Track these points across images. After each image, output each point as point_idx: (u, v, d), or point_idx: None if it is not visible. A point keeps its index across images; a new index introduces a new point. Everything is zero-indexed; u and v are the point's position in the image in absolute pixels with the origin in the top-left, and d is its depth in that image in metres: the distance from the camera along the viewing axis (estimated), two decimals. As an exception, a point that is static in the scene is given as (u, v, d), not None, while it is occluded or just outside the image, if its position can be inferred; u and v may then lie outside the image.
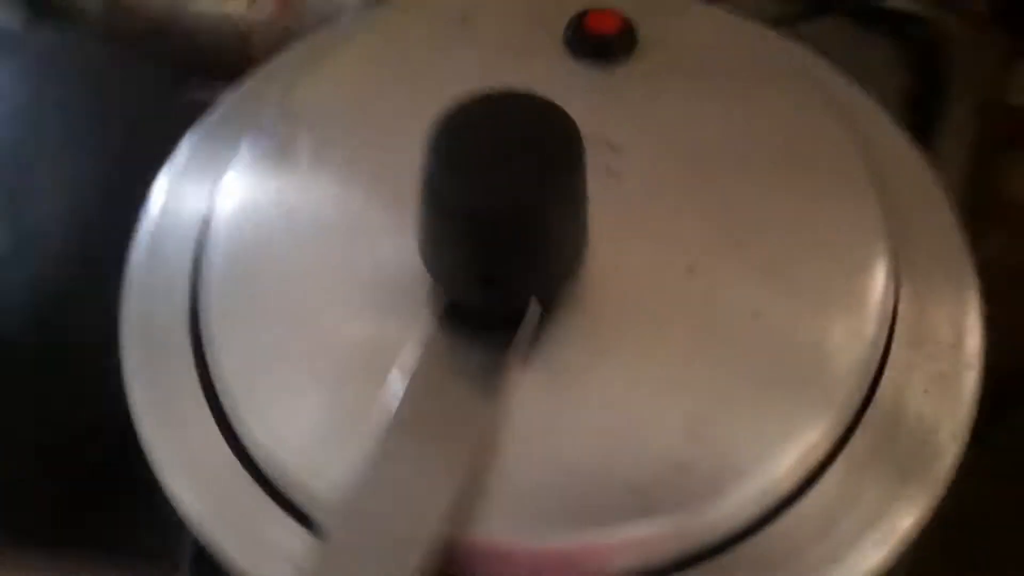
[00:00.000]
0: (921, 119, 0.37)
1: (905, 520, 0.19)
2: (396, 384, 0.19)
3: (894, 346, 0.21)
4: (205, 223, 0.23)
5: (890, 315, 0.22)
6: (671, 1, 0.27)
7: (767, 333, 0.20)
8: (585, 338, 0.20)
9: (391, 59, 0.26)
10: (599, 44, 0.24)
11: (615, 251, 0.21)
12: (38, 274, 0.30)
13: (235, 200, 0.23)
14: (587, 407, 0.19)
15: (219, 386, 0.21)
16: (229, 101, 0.27)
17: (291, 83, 0.25)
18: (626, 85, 0.24)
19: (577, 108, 0.23)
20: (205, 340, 0.21)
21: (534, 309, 0.19)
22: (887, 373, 0.21)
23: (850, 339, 0.21)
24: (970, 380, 0.21)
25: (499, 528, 0.18)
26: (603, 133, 0.23)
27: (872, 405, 0.21)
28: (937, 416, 0.21)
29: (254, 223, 0.23)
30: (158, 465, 0.20)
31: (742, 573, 0.18)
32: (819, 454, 0.20)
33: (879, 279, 0.22)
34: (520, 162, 0.17)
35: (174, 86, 0.35)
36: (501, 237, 0.18)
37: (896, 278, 0.22)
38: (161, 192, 0.25)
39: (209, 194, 0.24)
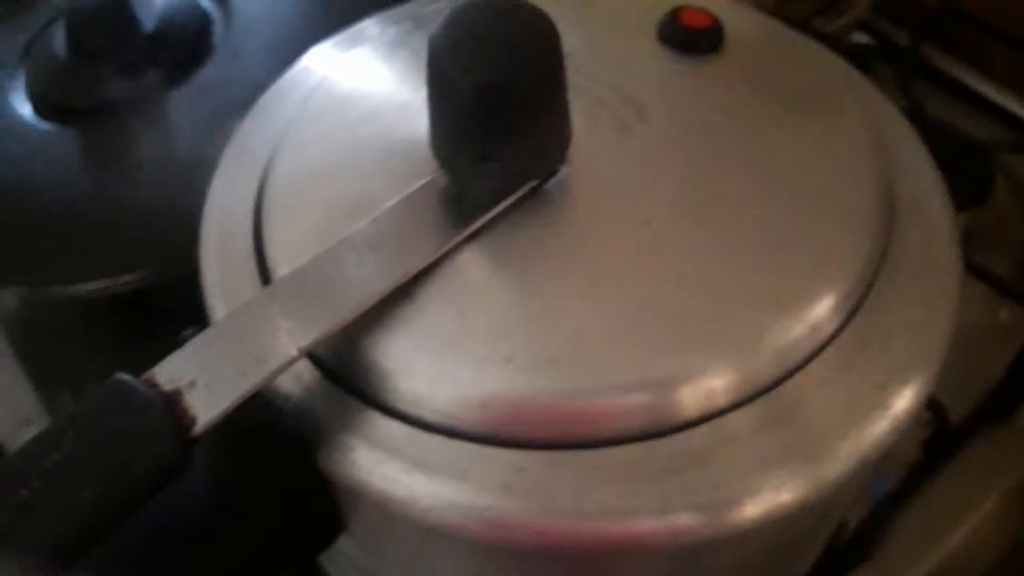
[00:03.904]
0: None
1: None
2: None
3: (817, 359, 0.23)
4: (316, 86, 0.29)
5: (827, 333, 0.23)
6: (767, 23, 0.29)
7: (683, 290, 0.23)
8: (547, 240, 0.24)
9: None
10: (686, 35, 0.27)
11: (593, 186, 0.25)
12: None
13: (338, 73, 0.29)
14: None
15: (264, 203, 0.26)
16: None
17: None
18: (691, 73, 0.27)
19: (634, 76, 0.27)
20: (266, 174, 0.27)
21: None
22: (800, 375, 0.22)
23: (767, 327, 0.22)
24: (878, 419, 0.22)
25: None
26: (641, 98, 0.26)
27: (774, 392, 0.22)
28: (826, 428, 0.22)
29: (339, 93, 0.28)
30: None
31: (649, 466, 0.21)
32: (716, 400, 0.22)
33: (827, 298, 0.23)
34: (508, 46, 0.21)
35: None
36: (495, 107, 0.21)
37: (851, 306, 0.23)
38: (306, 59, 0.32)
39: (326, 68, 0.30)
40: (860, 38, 0.55)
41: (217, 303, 0.25)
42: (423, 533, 0.23)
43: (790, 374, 0.22)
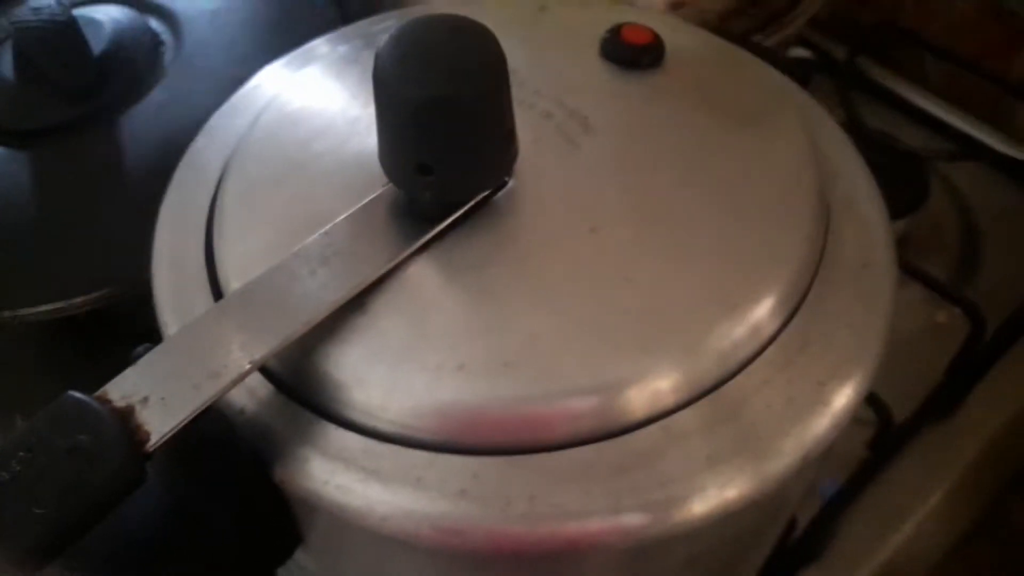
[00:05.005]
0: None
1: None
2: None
3: (759, 358, 0.23)
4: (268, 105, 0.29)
5: (768, 333, 0.24)
6: (707, 38, 0.30)
7: (630, 295, 0.23)
8: (497, 250, 0.24)
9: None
10: (628, 51, 0.28)
11: (541, 197, 0.25)
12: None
13: (289, 90, 0.29)
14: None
15: (215, 219, 0.27)
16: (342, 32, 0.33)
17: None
18: (633, 88, 0.28)
19: (579, 91, 0.28)
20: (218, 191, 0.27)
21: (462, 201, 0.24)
22: (743, 374, 0.23)
23: (711, 328, 0.23)
24: (819, 415, 0.23)
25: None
26: (585, 112, 0.27)
27: (719, 391, 0.23)
28: (770, 426, 0.23)
29: (290, 110, 0.29)
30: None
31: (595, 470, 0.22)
32: (664, 401, 0.22)
33: (768, 300, 0.24)
34: (453, 62, 0.22)
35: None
36: (435, 121, 0.22)
37: (791, 307, 0.24)
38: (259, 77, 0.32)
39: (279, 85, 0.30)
40: (800, 53, 0.57)
41: (170, 319, 0.25)
42: (380, 543, 0.23)
43: (734, 374, 0.23)
